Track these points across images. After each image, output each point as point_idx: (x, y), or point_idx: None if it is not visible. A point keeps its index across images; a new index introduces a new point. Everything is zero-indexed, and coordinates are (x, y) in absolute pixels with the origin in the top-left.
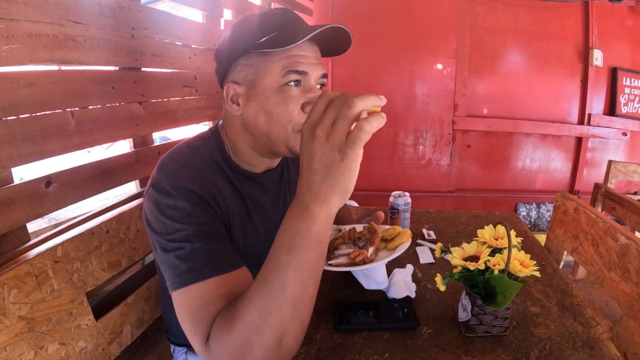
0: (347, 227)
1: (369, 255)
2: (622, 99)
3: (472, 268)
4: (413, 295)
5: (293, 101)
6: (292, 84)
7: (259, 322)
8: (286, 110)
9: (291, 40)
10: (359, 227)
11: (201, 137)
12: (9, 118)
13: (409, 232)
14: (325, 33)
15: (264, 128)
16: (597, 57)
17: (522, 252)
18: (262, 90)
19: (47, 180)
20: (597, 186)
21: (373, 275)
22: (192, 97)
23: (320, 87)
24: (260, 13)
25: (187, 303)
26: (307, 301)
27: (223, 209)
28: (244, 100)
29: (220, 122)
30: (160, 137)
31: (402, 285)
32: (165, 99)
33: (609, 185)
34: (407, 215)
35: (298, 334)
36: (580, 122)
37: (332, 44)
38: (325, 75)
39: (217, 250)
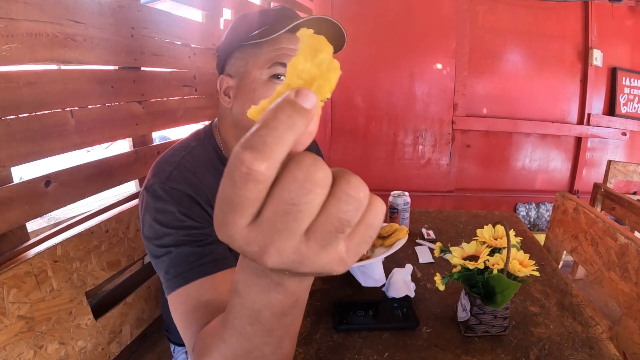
0: None
1: (365, 252)
2: (621, 99)
3: (471, 268)
4: (412, 294)
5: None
6: (279, 77)
7: None
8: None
9: (277, 30)
10: None
11: (196, 138)
12: (8, 117)
13: (406, 228)
14: (317, 28)
15: (250, 122)
16: (597, 57)
17: (522, 251)
18: (250, 82)
19: (47, 180)
20: (596, 186)
21: (370, 273)
22: (191, 97)
23: None
24: (259, 10)
25: (174, 309)
26: (281, 356)
27: None
28: (234, 92)
29: (216, 119)
30: (159, 136)
31: (402, 284)
32: (165, 99)
33: (608, 185)
34: (407, 214)
35: None
36: (580, 122)
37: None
38: None
39: (206, 251)
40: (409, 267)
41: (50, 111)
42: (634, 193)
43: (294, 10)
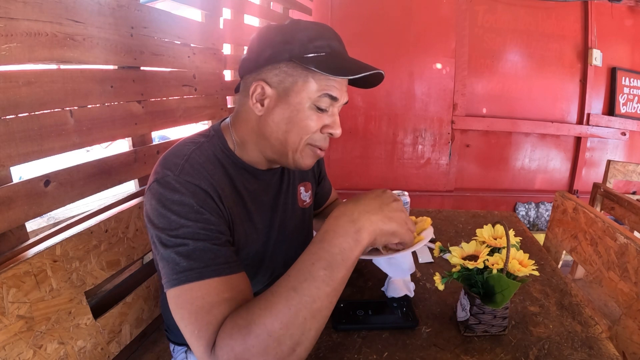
0: None
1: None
2: (621, 99)
3: (471, 267)
4: (412, 294)
5: (318, 121)
6: (322, 106)
7: (280, 332)
8: (309, 128)
9: (340, 72)
10: None
11: (204, 135)
12: (7, 117)
13: (429, 219)
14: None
15: (281, 136)
16: (597, 57)
17: (521, 251)
18: (296, 102)
19: (46, 179)
20: (596, 186)
21: (400, 264)
22: (191, 96)
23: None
24: (314, 25)
25: (187, 303)
26: (327, 315)
27: (227, 208)
28: (271, 104)
29: (227, 119)
30: (159, 136)
31: (401, 284)
32: (164, 98)
33: (607, 184)
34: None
35: (311, 345)
36: (580, 121)
37: (365, 81)
38: (347, 102)
39: (220, 253)
40: None
41: (49, 111)
42: (634, 193)
43: (338, 35)
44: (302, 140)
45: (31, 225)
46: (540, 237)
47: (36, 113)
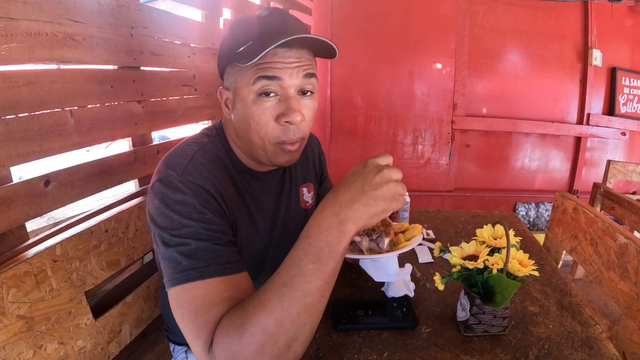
0: None
1: (385, 246)
2: (621, 99)
3: (471, 267)
4: (412, 294)
5: (267, 112)
6: (267, 93)
7: (274, 329)
8: (261, 121)
9: (256, 53)
10: None
11: (206, 134)
12: (7, 117)
13: (420, 226)
14: (309, 39)
15: (246, 136)
16: (597, 57)
17: (521, 251)
18: (242, 99)
19: (46, 179)
20: (596, 186)
21: (385, 268)
22: (191, 96)
23: (309, 94)
24: (248, 18)
25: (187, 302)
26: (321, 309)
27: (230, 208)
28: (231, 105)
29: (223, 119)
30: (159, 136)
31: (401, 284)
32: (164, 98)
33: (607, 185)
34: (406, 214)
35: (307, 340)
36: (580, 121)
37: (321, 50)
38: (309, 75)
39: (222, 252)
40: (408, 267)
41: (49, 111)
42: (634, 193)
43: (284, 15)
44: (263, 140)
45: (31, 225)
46: (540, 237)
47: (36, 113)
